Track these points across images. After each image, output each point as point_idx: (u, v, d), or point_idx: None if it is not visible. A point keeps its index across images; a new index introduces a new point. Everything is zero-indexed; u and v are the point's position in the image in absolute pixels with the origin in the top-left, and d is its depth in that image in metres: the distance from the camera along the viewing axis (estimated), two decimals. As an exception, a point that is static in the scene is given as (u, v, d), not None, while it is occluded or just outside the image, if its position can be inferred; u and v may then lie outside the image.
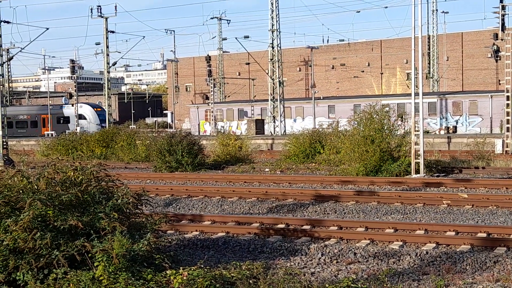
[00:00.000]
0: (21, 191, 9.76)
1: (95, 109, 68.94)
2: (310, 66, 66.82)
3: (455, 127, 50.87)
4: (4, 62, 54.20)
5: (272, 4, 52.77)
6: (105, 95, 60.62)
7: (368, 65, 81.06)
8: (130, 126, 64.16)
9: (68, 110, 69.52)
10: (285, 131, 53.27)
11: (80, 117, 66.82)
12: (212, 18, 75.95)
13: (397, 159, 24.67)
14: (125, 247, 8.85)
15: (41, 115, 71.12)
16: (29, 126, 71.17)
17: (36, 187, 9.78)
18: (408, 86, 69.10)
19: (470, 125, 50.91)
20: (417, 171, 24.10)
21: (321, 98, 61.40)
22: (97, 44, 66.15)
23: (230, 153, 32.79)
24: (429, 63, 69.39)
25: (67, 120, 69.20)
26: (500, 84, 66.78)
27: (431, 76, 69.18)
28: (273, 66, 53.93)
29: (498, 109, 47.33)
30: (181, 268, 9.34)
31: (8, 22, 45.11)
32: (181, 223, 14.67)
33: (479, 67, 73.88)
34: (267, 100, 56.57)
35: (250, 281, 9.31)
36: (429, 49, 69.08)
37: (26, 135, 66.73)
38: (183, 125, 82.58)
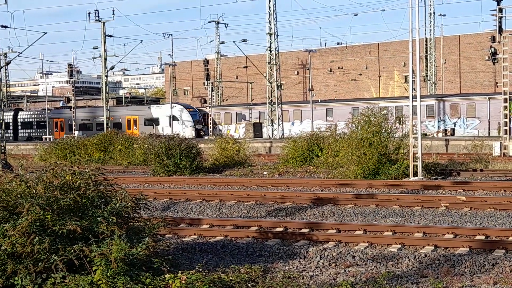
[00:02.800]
0: (19, 196, 9.75)
1: (187, 109, 63.12)
2: (308, 69, 66.88)
3: (453, 130, 50.90)
4: (1, 67, 54.15)
5: (269, 7, 52.84)
6: (103, 99, 60.58)
7: (366, 68, 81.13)
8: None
9: (157, 111, 63.62)
10: (283, 134, 53.27)
11: (172, 118, 61.13)
12: (209, 22, 75.99)
13: (395, 162, 24.69)
14: (124, 251, 8.85)
15: (125, 117, 65.36)
16: (112, 128, 66.49)
17: (34, 191, 9.77)
18: (405, 89, 69.12)
19: (468, 128, 50.94)
20: (415, 174, 24.12)
21: (319, 101, 61.43)
22: (95, 48, 66.04)
23: (228, 157, 32.81)
24: (426, 66, 69.47)
25: (155, 121, 62.91)
26: (497, 86, 66.86)
27: (428, 78, 69.25)
28: (271, 70, 53.96)
29: (495, 112, 47.34)
30: (179, 272, 9.33)
31: (5, 27, 45.17)
32: (179, 227, 14.67)
33: (476, 69, 73.98)
34: (265, 104, 56.61)
35: (249, 285, 9.31)
36: (426, 52, 69.15)
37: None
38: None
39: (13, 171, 14.67)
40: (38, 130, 69.24)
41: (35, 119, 69.85)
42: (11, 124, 69.51)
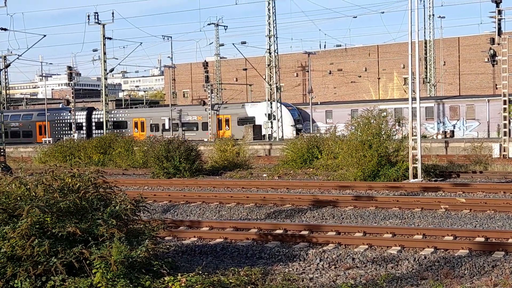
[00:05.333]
0: (19, 198, 9.75)
1: (287, 107, 57.67)
2: (307, 71, 66.90)
3: (453, 132, 50.91)
4: (1, 69, 54.11)
5: (269, 10, 52.90)
6: (102, 101, 60.64)
7: (365, 70, 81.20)
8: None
9: (253, 109, 58.26)
10: (282, 136, 53.25)
11: (270, 117, 55.97)
12: (209, 24, 76.07)
13: (395, 164, 24.69)
14: (123, 254, 8.85)
15: (216, 116, 60.57)
16: (200, 128, 61.10)
17: (34, 194, 9.77)
18: (405, 91, 69.16)
19: (467, 130, 50.95)
20: (415, 176, 24.12)
21: (319, 103, 61.41)
22: (94, 50, 66.15)
23: (227, 159, 32.80)
24: (426, 68, 69.51)
25: (251, 120, 57.65)
26: (497, 88, 66.91)
27: (428, 80, 69.29)
28: (270, 72, 53.98)
29: (495, 113, 47.36)
30: (179, 274, 9.33)
31: (5, 29, 45.14)
32: (179, 229, 14.66)
33: (476, 71, 74.05)
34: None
35: (249, 287, 9.30)
36: (426, 54, 69.20)
37: (196, 138, 55.05)
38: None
39: (12, 174, 14.67)
40: (115, 131, 63.74)
41: (112, 119, 64.76)
42: (84, 124, 65.81)
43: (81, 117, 66.31)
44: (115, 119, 65.24)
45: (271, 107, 54.54)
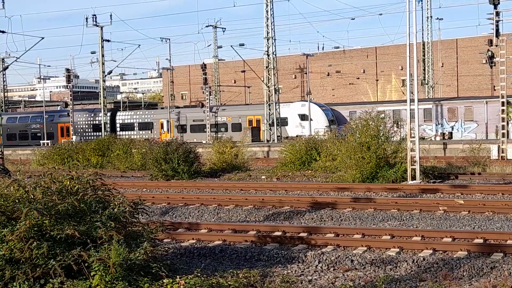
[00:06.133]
0: (17, 201, 9.74)
1: (321, 107, 55.84)
2: (306, 73, 66.90)
3: (451, 133, 50.96)
4: (-1, 72, 53.98)
5: (267, 12, 52.92)
6: (101, 103, 60.64)
7: (364, 72, 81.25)
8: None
9: (285, 109, 56.01)
10: (281, 138, 53.24)
11: (303, 117, 54.44)
12: (207, 26, 76.04)
13: (393, 166, 24.70)
14: (122, 256, 8.84)
15: (246, 117, 58.75)
16: (229, 129, 58.91)
17: (32, 196, 9.76)
18: (403, 93, 69.23)
19: (465, 131, 50.99)
20: (413, 178, 24.12)
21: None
22: (93, 53, 66.11)
23: (226, 161, 32.79)
24: (424, 70, 69.58)
25: (283, 121, 55.77)
26: (495, 90, 66.94)
27: (426, 82, 69.35)
28: (269, 74, 53.99)
29: (493, 115, 47.44)
30: (178, 276, 9.33)
31: (3, 32, 45.17)
32: (177, 231, 14.65)
33: (474, 73, 74.12)
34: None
35: (247, 289, 9.30)
36: (424, 55, 69.28)
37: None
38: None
39: (11, 176, 14.64)
40: (141, 132, 62.95)
41: (137, 120, 64.17)
42: (108, 125, 64.17)
43: (105, 118, 64.55)
44: (140, 120, 63.93)
45: (305, 108, 52.67)
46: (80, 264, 9.05)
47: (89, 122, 66.01)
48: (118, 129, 64.88)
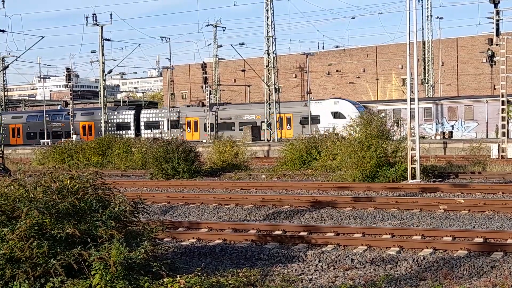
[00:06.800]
0: (17, 200, 9.75)
1: (354, 105, 53.60)
2: (306, 72, 66.91)
3: (451, 132, 50.94)
4: (-1, 71, 53.95)
5: (267, 11, 52.91)
6: (101, 103, 60.59)
7: (364, 71, 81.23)
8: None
9: (317, 107, 54.54)
10: (281, 137, 53.24)
11: (336, 115, 52.28)
12: (207, 26, 76.06)
13: (394, 165, 24.70)
14: (122, 255, 8.85)
15: (277, 114, 56.36)
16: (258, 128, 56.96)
17: (32, 195, 9.77)
18: (403, 92, 69.25)
19: (465, 130, 50.97)
20: (414, 177, 24.12)
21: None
22: (93, 52, 65.99)
23: (226, 160, 32.79)
24: (424, 69, 69.57)
25: (315, 119, 54.11)
26: (495, 89, 66.90)
27: (426, 81, 69.34)
28: (269, 73, 53.99)
29: (493, 114, 47.41)
30: (178, 276, 9.33)
31: (3, 31, 45.16)
32: (178, 230, 14.66)
33: (474, 72, 74.10)
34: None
35: (248, 288, 9.30)
36: (424, 54, 69.26)
37: (256, 139, 53.18)
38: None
39: (11, 176, 14.65)
40: (166, 131, 61.67)
41: (163, 118, 62.28)
42: (131, 124, 62.96)
43: (128, 116, 63.43)
44: (166, 118, 62.56)
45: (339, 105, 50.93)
46: (80, 263, 9.06)
47: (111, 121, 64.32)
48: (142, 127, 63.27)
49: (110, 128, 63.35)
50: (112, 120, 64.60)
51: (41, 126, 66.77)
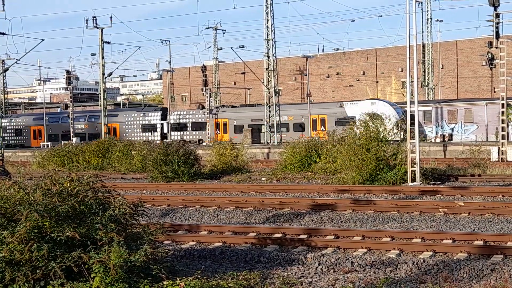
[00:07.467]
0: (17, 203, 9.74)
1: (392, 106, 52.18)
2: (306, 75, 66.93)
3: (451, 135, 50.95)
4: (-1, 74, 54.00)
5: (267, 14, 52.96)
6: (101, 105, 60.57)
7: (364, 73, 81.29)
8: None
9: (353, 108, 53.02)
10: (281, 140, 53.25)
11: (374, 117, 52.45)
12: (207, 28, 76.10)
13: (393, 168, 24.70)
14: (122, 258, 8.84)
15: (310, 116, 55.04)
16: (291, 129, 55.67)
17: (32, 198, 9.76)
18: (403, 95, 69.26)
19: (465, 133, 50.97)
20: (413, 179, 24.12)
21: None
22: (93, 54, 66.06)
23: (226, 163, 32.80)
24: (424, 71, 69.60)
25: (351, 121, 55.16)
26: (495, 91, 66.99)
27: (426, 84, 69.37)
28: (269, 75, 54.02)
29: (493, 117, 47.44)
30: (178, 278, 9.33)
31: (3, 34, 45.15)
32: (177, 233, 14.66)
33: (473, 75, 74.15)
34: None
35: (248, 291, 9.30)
36: (424, 57, 69.31)
37: (287, 140, 52.29)
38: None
39: (11, 178, 14.64)
40: (194, 133, 60.82)
41: (190, 120, 61.07)
42: (158, 125, 62.02)
43: (155, 118, 62.45)
44: (193, 120, 61.22)
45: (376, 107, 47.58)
46: (80, 266, 9.05)
47: (137, 122, 63.42)
48: (168, 129, 62.13)
49: (135, 130, 62.76)
50: (138, 122, 63.57)
51: (62, 128, 66.24)
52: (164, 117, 62.77)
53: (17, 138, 69.63)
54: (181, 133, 61.43)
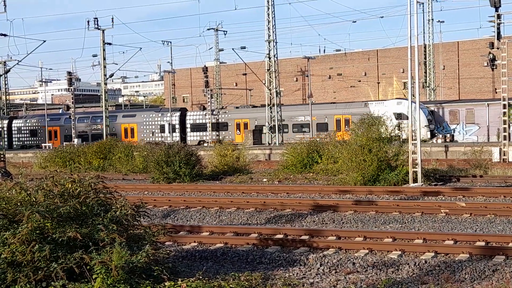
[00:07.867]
0: (19, 204, 9.75)
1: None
2: (307, 76, 66.93)
3: (452, 136, 50.92)
4: (1, 75, 54.09)
5: (268, 15, 52.96)
6: (102, 107, 60.60)
7: (365, 74, 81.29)
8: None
9: (379, 107, 50.87)
10: (282, 140, 53.24)
11: (399, 116, 48.25)
12: (208, 29, 76.04)
13: (395, 168, 24.69)
14: (124, 259, 8.84)
15: (334, 116, 54.24)
16: (314, 129, 54.13)
17: (34, 199, 9.77)
18: (404, 95, 69.24)
19: (467, 134, 50.94)
20: (415, 180, 24.10)
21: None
22: (94, 56, 66.19)
23: (227, 164, 32.80)
24: (425, 72, 69.57)
25: None
26: (496, 92, 66.99)
27: (427, 85, 69.33)
28: (270, 76, 54.03)
29: (495, 118, 47.39)
30: (179, 279, 9.33)
31: (5, 35, 45.23)
32: (179, 234, 14.66)
33: (475, 75, 74.13)
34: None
35: (249, 292, 9.29)
36: (425, 58, 69.27)
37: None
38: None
39: (13, 179, 14.66)
40: (214, 133, 59.81)
41: (208, 120, 60.13)
42: (177, 126, 61.11)
43: (173, 118, 61.24)
44: (213, 120, 60.41)
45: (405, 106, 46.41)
46: (82, 267, 9.05)
47: (155, 123, 62.73)
48: (188, 130, 61.54)
49: (154, 130, 62.11)
50: (156, 122, 62.86)
51: (79, 128, 65.70)
52: (183, 118, 62.17)
53: (33, 138, 69.47)
54: (200, 133, 60.71)
